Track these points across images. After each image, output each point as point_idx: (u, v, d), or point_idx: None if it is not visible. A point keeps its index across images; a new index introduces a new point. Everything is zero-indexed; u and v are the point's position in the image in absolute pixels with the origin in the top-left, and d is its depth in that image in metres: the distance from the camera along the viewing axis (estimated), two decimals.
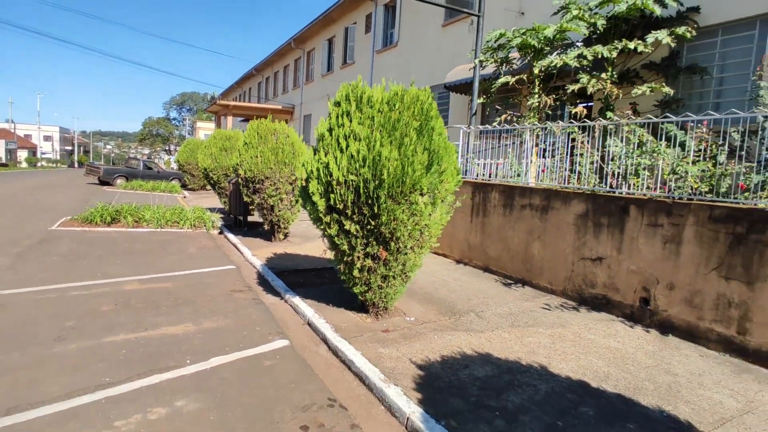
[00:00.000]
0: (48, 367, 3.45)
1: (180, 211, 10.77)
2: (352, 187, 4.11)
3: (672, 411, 3.22)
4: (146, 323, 4.45)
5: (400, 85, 4.57)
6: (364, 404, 3.27)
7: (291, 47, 27.90)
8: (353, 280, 4.66)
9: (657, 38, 7.22)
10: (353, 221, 4.25)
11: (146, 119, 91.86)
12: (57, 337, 3.98)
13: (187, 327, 4.43)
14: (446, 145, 4.50)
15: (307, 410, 3.08)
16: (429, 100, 4.50)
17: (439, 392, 3.32)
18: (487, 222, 7.13)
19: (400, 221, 4.18)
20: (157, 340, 4.06)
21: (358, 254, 4.41)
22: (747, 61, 7.32)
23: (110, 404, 2.97)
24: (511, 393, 3.35)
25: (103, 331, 4.17)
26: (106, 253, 7.35)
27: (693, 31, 7.32)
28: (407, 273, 4.72)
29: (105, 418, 2.80)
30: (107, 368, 3.47)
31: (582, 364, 3.93)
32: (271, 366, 3.74)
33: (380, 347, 4.08)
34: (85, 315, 4.56)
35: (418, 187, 4.12)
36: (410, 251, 4.51)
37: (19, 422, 2.72)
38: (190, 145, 20.24)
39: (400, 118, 4.19)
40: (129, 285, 5.71)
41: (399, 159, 4.01)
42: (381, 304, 4.82)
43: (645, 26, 7.94)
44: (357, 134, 4.13)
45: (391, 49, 18.11)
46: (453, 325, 4.75)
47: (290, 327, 4.69)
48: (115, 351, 3.78)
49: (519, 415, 3.06)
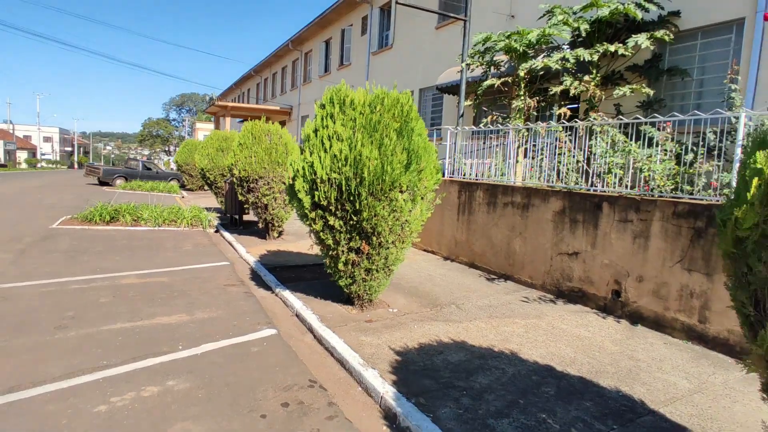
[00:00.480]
0: (49, 351, 3.70)
1: (177, 210, 11.03)
2: (335, 185, 4.37)
3: (628, 391, 3.48)
4: (142, 313, 4.71)
5: (383, 88, 4.84)
6: (343, 385, 3.52)
7: (289, 48, 28.17)
8: (339, 273, 4.92)
9: (637, 42, 7.48)
10: (337, 217, 4.51)
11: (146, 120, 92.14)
12: (58, 326, 4.23)
13: (181, 317, 4.69)
14: (426, 146, 4.76)
15: (288, 390, 3.34)
16: (409, 102, 4.76)
17: (413, 374, 3.58)
18: (472, 220, 7.39)
19: (381, 217, 4.44)
20: (152, 329, 4.32)
21: (342, 248, 4.66)
22: (725, 64, 7.57)
23: (107, 383, 3.23)
24: (480, 375, 3.61)
25: (101, 320, 4.43)
26: (105, 250, 7.61)
27: (671, 35, 7.59)
28: (390, 266, 4.97)
29: (102, 395, 3.06)
30: (104, 353, 3.73)
31: (551, 350, 4.19)
32: (258, 352, 4.00)
33: (362, 335, 4.34)
34: (84, 306, 4.83)
35: (397, 184, 4.38)
36: (392, 245, 4.76)
37: (23, 398, 2.98)
38: (189, 146, 20.50)
39: (380, 120, 4.45)
40: (126, 279, 5.97)
41: (379, 158, 4.27)
42: (365, 296, 5.07)
43: (629, 29, 8.20)
44: (340, 135, 4.39)
45: (386, 50, 18.38)
46: (433, 316, 5.01)
47: (279, 318, 4.94)
48: (112, 338, 4.04)
49: (484, 394, 3.31)
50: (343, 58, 22.28)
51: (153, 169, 25.27)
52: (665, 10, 8.16)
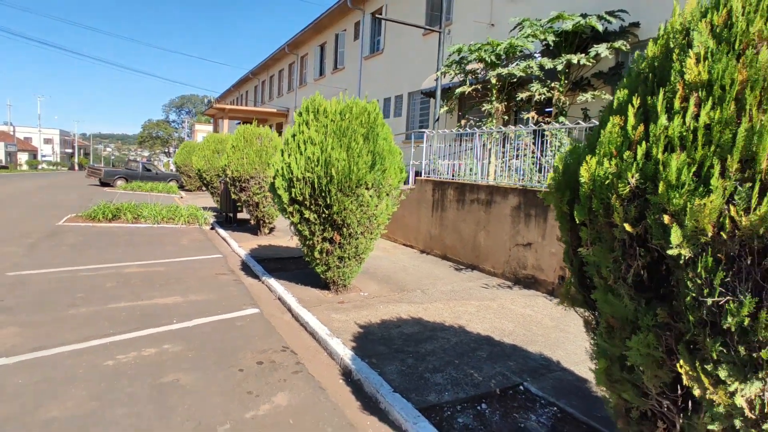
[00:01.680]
0: (65, 323, 4.38)
1: (175, 209, 11.71)
2: (309, 183, 5.04)
3: (549, 354, 4.15)
4: (143, 296, 5.39)
5: (355, 98, 5.52)
6: (311, 351, 4.20)
7: (285, 52, 28.85)
8: (315, 261, 5.60)
9: (598, 52, 8.17)
10: (311, 211, 5.19)
11: (146, 122, 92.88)
12: (70, 304, 4.91)
13: (176, 299, 5.37)
14: (390, 149, 5.44)
15: (263, 353, 4.02)
16: (376, 111, 5.44)
17: (371, 342, 4.25)
18: (444, 216, 8.07)
19: (349, 210, 5.11)
20: (151, 307, 4.99)
21: (317, 238, 5.34)
22: None
23: (113, 346, 3.90)
24: (427, 343, 4.28)
25: (107, 300, 5.11)
26: (108, 244, 8.29)
27: (628, 45, 8.27)
28: (360, 255, 5.64)
29: (109, 354, 3.73)
30: (110, 325, 4.40)
31: (494, 325, 4.86)
32: (242, 326, 4.67)
33: (333, 314, 5.01)
34: (92, 289, 5.50)
35: (363, 182, 5.06)
36: (361, 236, 5.44)
37: (46, 355, 3.66)
38: (187, 147, 21.18)
39: (349, 126, 5.13)
40: (129, 269, 6.64)
41: (346, 159, 4.95)
42: (340, 281, 5.75)
43: (595, 39, 8.88)
44: (313, 139, 5.07)
45: (377, 55, 19.06)
46: (399, 298, 5.69)
47: (263, 300, 5.62)
48: (117, 314, 4.72)
49: (427, 357, 3.99)
50: (337, 62, 22.96)
51: (153, 170, 25.95)
52: (626, 22, 8.85)
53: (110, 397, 3.09)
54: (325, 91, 25.24)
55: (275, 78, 33.48)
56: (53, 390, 3.15)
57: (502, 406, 3.27)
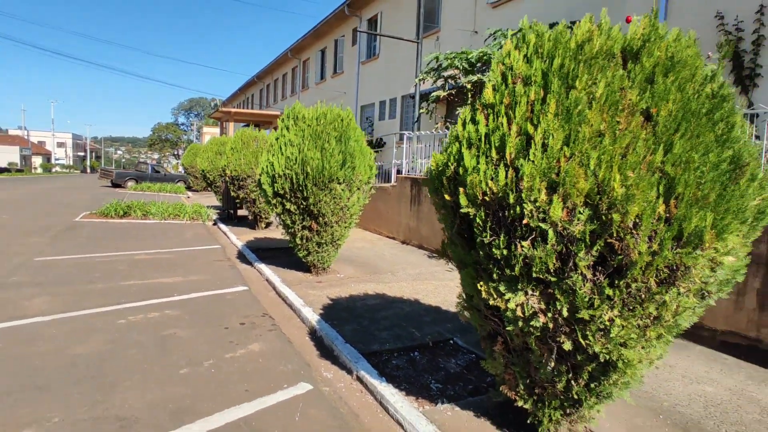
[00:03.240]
0: (85, 295, 5.30)
1: (181, 206, 12.68)
2: (289, 179, 5.92)
3: None
4: (150, 276, 6.30)
5: (333, 105, 6.38)
6: (287, 317, 5.07)
7: (288, 57, 29.85)
8: (297, 247, 6.47)
9: None
10: (291, 202, 6.07)
11: (155, 125, 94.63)
12: (89, 281, 5.84)
13: (178, 279, 6.27)
14: (362, 149, 6.30)
15: (246, 317, 4.90)
16: (348, 117, 6.30)
17: (336, 311, 5.11)
18: (420, 209, 8.91)
19: (324, 202, 5.98)
20: (156, 284, 5.90)
21: (298, 226, 6.22)
22: None
23: (125, 310, 4.81)
24: (383, 311, 5.13)
25: (120, 279, 6.03)
26: (120, 237, 9.25)
27: None
28: (337, 241, 6.51)
29: (122, 315, 4.64)
30: (123, 296, 5.31)
31: (446, 299, 5.69)
32: (231, 299, 5.56)
33: (310, 290, 5.88)
34: (107, 271, 6.44)
35: (334, 177, 5.92)
36: (336, 225, 6.30)
37: (72, 316, 4.57)
38: (193, 149, 22.22)
39: (323, 130, 6.00)
40: (138, 256, 7.58)
41: (320, 158, 5.81)
42: (319, 264, 6.62)
43: None
44: (292, 141, 5.95)
45: (373, 60, 19.94)
46: (370, 279, 6.54)
47: (252, 280, 6.51)
48: (128, 289, 5.63)
49: (380, 320, 4.83)
50: (337, 67, 23.88)
51: (161, 171, 27.09)
52: None
53: (123, 343, 3.99)
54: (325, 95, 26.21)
55: (279, 82, 34.50)
56: (78, 337, 4.05)
57: (430, 353, 4.12)
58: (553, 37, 2.18)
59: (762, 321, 3.95)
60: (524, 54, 2.24)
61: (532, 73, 2.14)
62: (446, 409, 3.09)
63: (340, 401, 3.28)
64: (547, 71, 2.10)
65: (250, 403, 3.13)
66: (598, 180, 1.89)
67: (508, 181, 2.02)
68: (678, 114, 1.94)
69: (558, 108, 2.00)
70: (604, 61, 2.07)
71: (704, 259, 1.91)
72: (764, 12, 7.03)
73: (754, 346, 4.00)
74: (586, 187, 1.89)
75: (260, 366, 3.73)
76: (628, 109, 1.98)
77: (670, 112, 1.94)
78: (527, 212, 1.98)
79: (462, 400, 3.21)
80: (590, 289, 2.02)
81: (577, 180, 1.90)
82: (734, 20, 7.33)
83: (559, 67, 2.07)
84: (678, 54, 2.06)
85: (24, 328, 4.23)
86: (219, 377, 3.49)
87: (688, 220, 1.82)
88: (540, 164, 1.95)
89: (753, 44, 7.14)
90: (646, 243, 1.87)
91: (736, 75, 7.37)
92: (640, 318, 2.04)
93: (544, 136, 2.00)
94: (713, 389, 3.54)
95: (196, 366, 3.65)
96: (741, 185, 1.87)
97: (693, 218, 1.81)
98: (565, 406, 2.50)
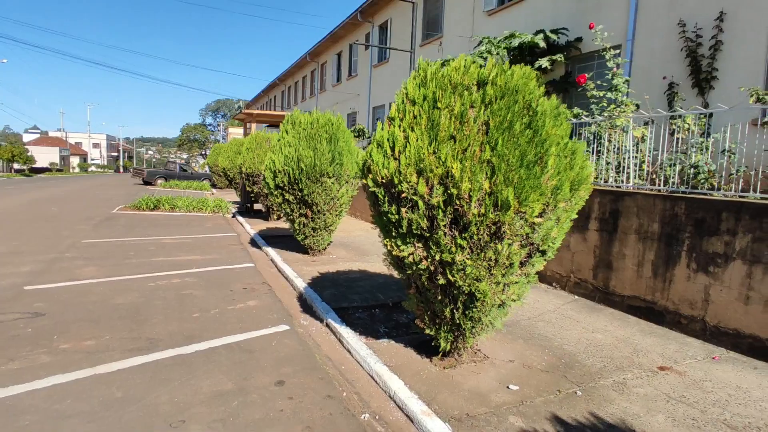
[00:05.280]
0: (123, 266, 6.61)
1: (204, 201, 14.09)
2: (287, 173, 7.09)
3: None
4: (174, 255, 7.59)
5: (328, 112, 7.52)
6: (282, 285, 6.23)
7: (307, 60, 31.26)
8: (296, 231, 7.64)
9: (541, 64, 9.86)
10: (290, 193, 7.23)
11: (184, 125, 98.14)
12: (125, 257, 7.17)
13: (197, 257, 7.54)
14: (350, 149, 7.41)
15: (248, 284, 6.09)
16: (339, 121, 7.42)
17: (322, 281, 6.24)
18: None
19: (316, 193, 7.12)
20: (179, 261, 7.18)
21: (296, 214, 7.39)
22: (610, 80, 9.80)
23: (153, 277, 6.08)
24: (360, 282, 6.23)
25: (150, 256, 7.34)
26: (150, 225, 10.66)
27: (563, 58, 9.91)
28: (329, 227, 7.65)
29: (152, 280, 5.91)
30: (152, 268, 6.60)
31: None
32: (238, 272, 6.77)
33: (304, 266, 7.04)
34: (139, 250, 7.77)
35: (325, 172, 7.05)
36: (327, 213, 7.44)
37: (113, 280, 5.86)
38: (216, 149, 23.82)
39: (316, 133, 7.14)
40: (165, 240, 8.92)
41: (312, 156, 6.96)
42: (315, 247, 7.77)
43: (549, 52, 10.48)
44: (290, 143, 7.12)
45: (384, 64, 21.02)
46: (357, 259, 7.65)
47: (258, 259, 7.72)
48: (156, 262, 6.92)
49: (356, 288, 5.93)
50: (351, 70, 25.08)
51: (188, 170, 28.93)
52: (571, 38, 10.46)
53: (152, 297, 5.24)
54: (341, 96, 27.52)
55: (299, 84, 35.97)
56: (119, 293, 5.32)
57: (388, 310, 5.19)
58: (431, 72, 3.23)
59: (656, 286, 4.86)
60: (415, 83, 3.31)
61: (415, 96, 3.21)
62: (384, 342, 4.18)
63: (309, 337, 4.40)
64: (424, 95, 3.16)
65: (241, 335, 4.29)
66: (446, 168, 2.95)
67: (393, 169, 3.10)
68: (504, 124, 2.97)
69: (427, 120, 3.06)
70: (461, 88, 3.12)
71: (518, 218, 2.94)
72: (723, 19, 7.73)
73: (651, 307, 4.92)
74: (439, 172, 2.95)
75: (253, 314, 4.90)
76: (472, 120, 3.03)
77: (498, 123, 2.97)
78: (405, 189, 3.05)
79: (399, 338, 4.28)
80: (450, 240, 3.07)
81: (434, 168, 2.96)
82: (694, 27, 8.03)
83: (432, 93, 3.13)
84: (511, 84, 3.09)
85: (80, 286, 5.54)
86: (221, 319, 4.67)
87: (501, 193, 2.86)
88: (412, 157, 3.02)
89: (711, 49, 7.84)
90: (477, 208, 2.92)
91: (693, 78, 8.10)
92: (484, 260, 3.08)
93: (417, 138, 3.06)
94: (603, 336, 4.50)
95: (205, 312, 4.84)
96: (536, 171, 2.88)
97: (503, 191, 2.85)
98: (453, 329, 3.55)
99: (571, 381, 3.53)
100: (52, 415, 2.83)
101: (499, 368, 3.72)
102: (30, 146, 56.35)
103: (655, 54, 8.76)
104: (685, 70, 8.17)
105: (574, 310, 5.31)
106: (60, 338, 3.98)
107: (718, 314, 4.28)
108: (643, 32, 9.15)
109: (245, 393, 3.22)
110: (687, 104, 7.84)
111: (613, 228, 5.33)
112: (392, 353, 3.91)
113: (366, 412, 3.11)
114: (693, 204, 4.50)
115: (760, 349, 3.98)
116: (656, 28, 8.75)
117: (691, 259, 4.51)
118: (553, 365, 3.80)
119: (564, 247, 6.00)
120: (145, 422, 2.80)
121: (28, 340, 3.91)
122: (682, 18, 8.22)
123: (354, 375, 3.67)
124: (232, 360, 3.75)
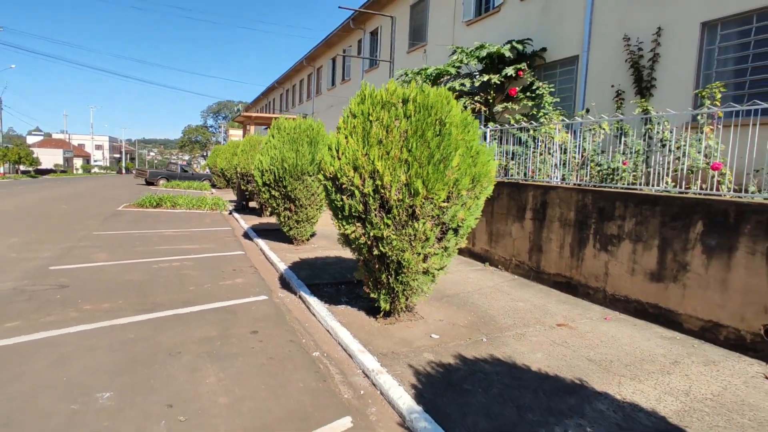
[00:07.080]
0: (129, 253, 7.63)
1: (203, 199, 15.13)
2: (272, 172, 8.10)
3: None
4: (174, 244, 8.62)
5: (310, 118, 8.54)
6: (266, 269, 7.24)
7: (304, 64, 32.30)
8: (282, 224, 8.66)
9: (507, 73, 10.85)
10: (276, 190, 8.25)
11: (186, 127, 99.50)
12: (131, 246, 8.20)
13: (194, 246, 8.56)
14: None
15: (237, 267, 7.10)
16: (318, 127, 8.44)
17: (301, 265, 7.24)
18: None
19: (298, 190, 8.14)
20: (179, 249, 8.20)
21: (281, 208, 8.40)
22: (571, 87, 10.80)
23: (156, 261, 7.10)
24: (334, 265, 7.24)
25: (153, 245, 8.37)
26: (153, 220, 11.69)
27: (525, 67, 10.89)
28: (311, 220, 8.66)
29: (154, 263, 6.93)
30: (155, 254, 7.62)
31: None
32: (230, 257, 7.79)
33: (288, 253, 8.05)
34: (144, 241, 8.80)
35: (305, 171, 8.06)
36: (309, 207, 8.45)
37: (122, 263, 6.88)
38: (216, 151, 24.87)
39: (299, 137, 8.16)
40: (167, 232, 9.95)
41: (295, 158, 7.97)
42: (299, 237, 8.79)
43: (518, 61, 11.44)
44: (275, 145, 8.13)
45: (374, 69, 22.03)
46: (335, 248, 8.65)
47: (249, 248, 8.74)
48: (158, 251, 7.95)
49: (328, 270, 6.93)
50: (345, 74, 26.10)
51: (189, 171, 30.01)
52: (537, 47, 11.44)
53: (155, 275, 6.26)
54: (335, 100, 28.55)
55: (297, 87, 37.02)
56: (128, 272, 6.34)
57: (352, 286, 6.19)
58: (368, 93, 4.24)
59: (572, 264, 5.86)
60: (356, 101, 4.32)
61: (357, 111, 4.22)
62: (342, 306, 5.18)
63: (283, 305, 5.41)
64: (362, 110, 4.17)
65: (228, 302, 5.30)
66: (374, 166, 3.95)
67: (337, 167, 4.11)
68: (418, 132, 3.97)
69: (362, 129, 4.07)
70: (389, 105, 4.13)
71: (428, 203, 3.95)
72: (660, 34, 8.73)
73: (569, 282, 5.91)
74: (369, 168, 3.96)
75: (240, 289, 5.91)
76: (395, 129, 4.03)
77: (414, 131, 3.98)
78: (344, 182, 4.06)
79: (354, 305, 5.29)
80: (379, 220, 4.08)
81: (366, 166, 3.97)
82: (637, 41, 9.02)
83: (367, 109, 4.14)
84: (428, 102, 4.10)
85: (95, 267, 6.57)
86: (212, 292, 5.68)
87: (413, 184, 3.86)
88: (350, 157, 4.03)
89: (650, 61, 8.83)
90: (396, 195, 3.93)
91: (636, 87, 9.09)
92: (405, 235, 4.09)
93: (354, 143, 4.07)
94: (523, 304, 5.50)
95: (199, 287, 5.86)
96: (441, 167, 3.89)
97: (415, 182, 3.85)
98: (389, 292, 4.55)
99: (482, 332, 4.53)
100: (83, 347, 3.85)
101: (429, 325, 4.73)
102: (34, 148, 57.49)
103: (606, 64, 9.75)
104: (630, 79, 9.15)
105: (509, 286, 6.31)
106: (83, 302, 5.01)
107: (614, 284, 5.28)
108: (596, 44, 10.14)
109: (226, 337, 4.23)
110: (629, 110, 8.83)
111: (543, 217, 6.33)
112: (346, 314, 4.91)
113: (317, 351, 4.12)
114: (596, 195, 5.50)
115: (642, 311, 4.98)
116: (607, 41, 9.74)
117: (596, 241, 5.51)
118: (473, 322, 4.81)
119: (507, 235, 7.01)
120: (152, 352, 3.81)
121: (59, 303, 4.93)
122: (627, 33, 9.21)
123: (314, 329, 4.68)
124: (218, 318, 4.76)
